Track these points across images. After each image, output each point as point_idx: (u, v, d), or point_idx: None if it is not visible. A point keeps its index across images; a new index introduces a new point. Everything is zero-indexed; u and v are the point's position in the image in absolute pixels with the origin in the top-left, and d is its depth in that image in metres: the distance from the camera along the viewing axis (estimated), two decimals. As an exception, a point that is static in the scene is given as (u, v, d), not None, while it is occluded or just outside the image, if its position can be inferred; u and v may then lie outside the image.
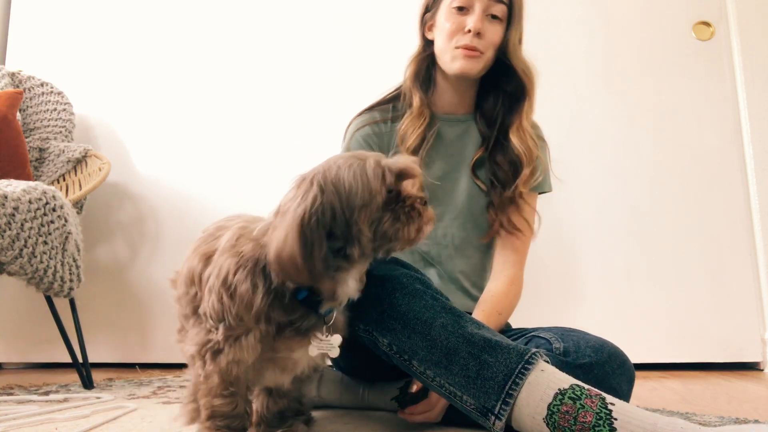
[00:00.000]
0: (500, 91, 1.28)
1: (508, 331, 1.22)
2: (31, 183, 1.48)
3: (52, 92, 2.11)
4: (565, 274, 2.09)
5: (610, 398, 0.78)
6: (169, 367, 2.03)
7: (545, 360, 0.85)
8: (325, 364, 0.90)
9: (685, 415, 1.18)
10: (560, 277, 2.09)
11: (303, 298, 0.79)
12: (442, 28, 1.25)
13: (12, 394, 1.42)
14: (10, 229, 1.35)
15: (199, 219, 2.13)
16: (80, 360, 1.58)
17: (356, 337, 0.97)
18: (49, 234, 1.45)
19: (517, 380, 0.81)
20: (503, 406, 0.80)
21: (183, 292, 0.85)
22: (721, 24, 2.18)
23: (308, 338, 0.81)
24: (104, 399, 1.35)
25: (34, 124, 2.06)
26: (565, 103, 2.16)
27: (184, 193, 2.20)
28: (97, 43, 2.31)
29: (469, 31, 1.20)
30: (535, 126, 1.32)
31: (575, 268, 2.10)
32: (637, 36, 2.19)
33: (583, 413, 0.76)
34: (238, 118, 2.23)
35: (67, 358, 1.59)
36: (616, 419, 0.75)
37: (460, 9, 1.23)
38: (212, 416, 0.83)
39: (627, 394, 0.98)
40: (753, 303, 2.03)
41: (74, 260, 1.53)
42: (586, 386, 0.80)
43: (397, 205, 0.76)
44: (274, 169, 2.15)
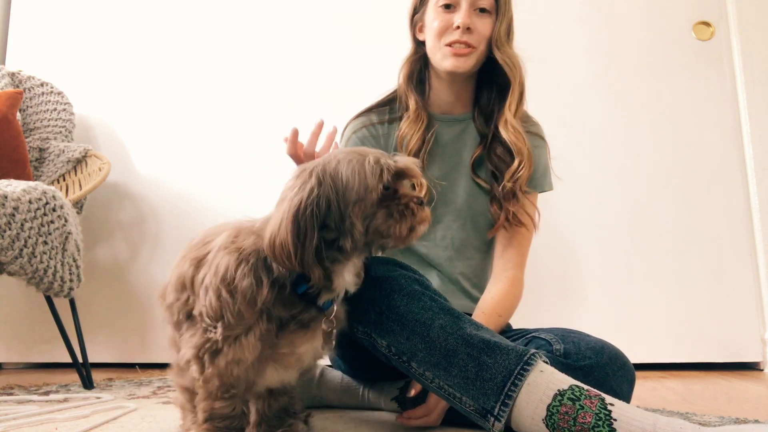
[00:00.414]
0: (493, 85, 1.28)
1: (509, 331, 1.22)
2: (31, 183, 1.48)
3: (52, 92, 2.11)
4: (564, 274, 2.09)
5: (609, 398, 0.78)
6: (169, 367, 2.03)
7: (544, 361, 0.85)
8: (329, 351, 0.89)
9: (685, 415, 1.18)
10: (560, 276, 2.09)
11: (302, 292, 0.79)
12: (431, 28, 1.24)
13: (12, 394, 1.42)
14: (10, 229, 1.35)
15: (199, 219, 2.14)
16: (80, 360, 1.58)
17: (355, 338, 0.97)
18: (49, 234, 1.45)
19: (516, 381, 0.80)
20: (502, 408, 0.80)
21: (174, 299, 0.83)
22: (721, 24, 2.18)
23: (311, 331, 0.81)
24: (104, 399, 1.35)
25: (34, 124, 2.06)
26: (565, 103, 2.16)
27: (184, 193, 2.20)
28: (97, 43, 2.32)
29: (458, 27, 1.19)
30: (535, 124, 1.31)
31: (575, 267, 2.09)
32: (637, 36, 2.19)
33: (582, 414, 0.76)
34: (238, 118, 2.24)
35: (67, 358, 1.60)
36: (615, 420, 0.75)
37: (447, 7, 1.22)
38: (210, 418, 0.82)
39: (627, 396, 0.98)
40: (753, 303, 2.03)
41: (74, 260, 1.53)
42: (586, 387, 0.80)
43: (393, 202, 0.78)
44: (274, 169, 2.12)
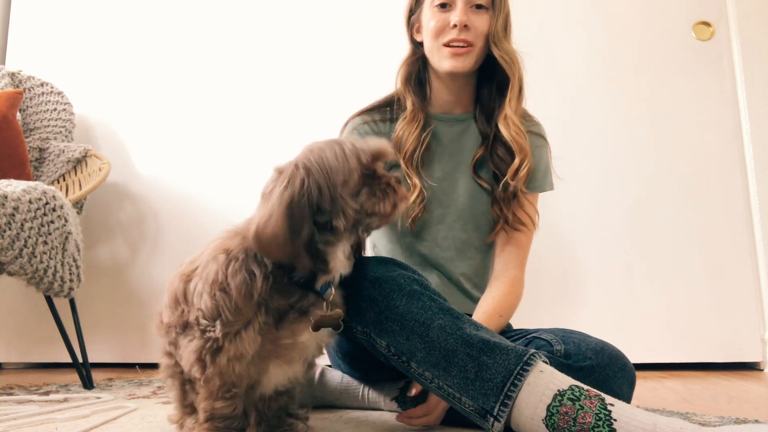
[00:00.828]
0: (493, 82, 1.26)
1: (509, 332, 1.22)
2: (31, 183, 1.48)
3: (52, 92, 2.11)
4: (564, 274, 2.09)
5: (609, 399, 0.78)
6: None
7: (544, 361, 0.85)
8: (331, 338, 0.89)
9: (685, 415, 1.18)
10: (560, 276, 2.08)
11: (298, 278, 0.80)
12: (428, 28, 1.23)
13: (12, 394, 1.42)
14: (10, 229, 1.35)
15: (199, 219, 2.14)
16: (80, 360, 1.58)
17: (355, 338, 0.97)
18: (49, 234, 1.45)
19: (516, 381, 0.80)
20: (502, 408, 0.80)
21: (169, 316, 0.84)
22: (721, 24, 2.18)
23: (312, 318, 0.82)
24: (104, 399, 1.35)
25: (34, 124, 2.06)
26: (565, 103, 2.16)
27: (184, 193, 2.20)
28: (97, 43, 2.32)
29: (455, 26, 1.18)
30: (537, 124, 1.30)
31: (575, 267, 2.09)
32: (637, 36, 2.19)
33: (582, 414, 0.76)
34: (238, 118, 2.23)
35: (67, 358, 1.60)
36: (615, 420, 0.75)
37: (443, 6, 1.21)
38: (211, 418, 0.83)
39: (628, 397, 0.98)
40: (753, 303, 2.03)
41: (74, 260, 1.53)
42: (585, 387, 0.80)
43: (374, 182, 0.82)
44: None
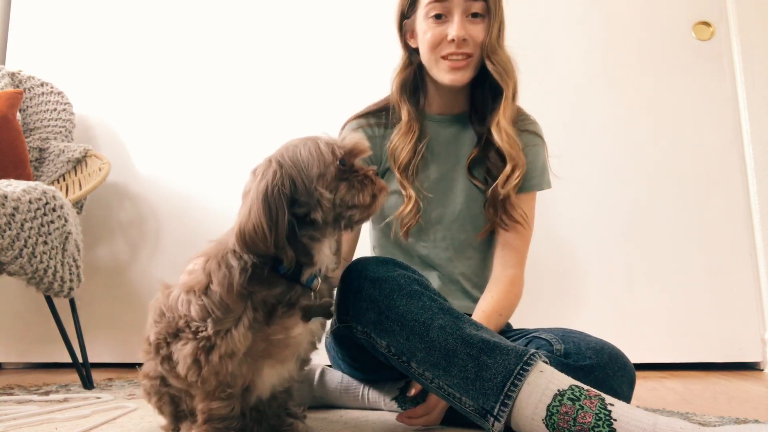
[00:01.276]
0: (486, 85, 1.24)
1: (509, 331, 1.22)
2: (31, 183, 1.48)
3: (52, 92, 2.11)
4: (564, 274, 2.09)
5: (609, 399, 0.78)
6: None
7: (544, 361, 0.85)
8: (320, 336, 0.90)
9: (685, 415, 1.18)
10: (559, 276, 2.08)
11: (284, 271, 0.81)
12: (423, 40, 1.20)
13: (12, 394, 1.42)
14: (10, 229, 1.35)
15: (199, 219, 2.14)
16: (80, 360, 1.58)
17: (355, 338, 0.97)
18: (49, 234, 1.45)
19: (516, 381, 0.80)
20: (502, 408, 0.80)
21: (156, 331, 0.87)
22: (721, 24, 2.18)
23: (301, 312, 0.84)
24: (104, 399, 1.35)
25: (34, 124, 2.06)
26: (565, 103, 2.16)
27: (184, 193, 2.20)
28: (97, 43, 2.32)
29: (453, 40, 1.16)
30: (533, 123, 1.30)
31: (575, 268, 2.09)
32: (637, 36, 2.19)
33: (582, 414, 0.76)
34: (238, 118, 2.23)
35: (67, 358, 1.60)
36: (615, 420, 0.75)
37: (438, 17, 1.18)
38: (209, 419, 0.83)
39: (628, 397, 0.98)
40: (753, 303, 2.03)
41: (74, 260, 1.53)
42: (585, 387, 0.80)
43: (351, 175, 0.83)
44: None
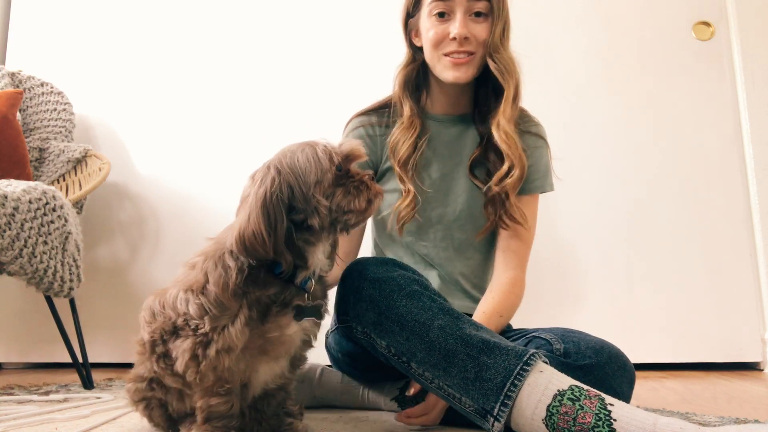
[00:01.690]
0: (489, 84, 1.24)
1: (509, 331, 1.22)
2: (31, 183, 1.48)
3: (52, 92, 2.11)
4: (564, 274, 2.09)
5: (609, 399, 0.78)
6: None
7: (544, 361, 0.85)
8: (314, 333, 0.91)
9: (685, 415, 1.18)
10: (560, 276, 2.08)
11: (279, 272, 0.82)
12: (426, 37, 1.21)
13: (12, 394, 1.42)
14: (10, 229, 1.35)
15: (199, 219, 2.14)
16: (80, 360, 1.58)
17: (355, 338, 0.97)
18: (49, 234, 1.45)
19: (516, 382, 0.80)
20: (502, 408, 0.80)
21: (150, 331, 0.88)
22: (721, 24, 2.18)
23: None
24: (104, 399, 1.35)
25: (34, 124, 2.06)
26: (565, 103, 2.16)
27: (184, 193, 2.20)
28: (97, 43, 2.31)
29: (455, 38, 1.16)
30: (537, 125, 1.30)
31: (575, 268, 2.09)
32: (637, 36, 2.19)
33: (582, 414, 0.76)
34: (238, 118, 2.23)
35: (67, 358, 1.60)
36: (615, 420, 0.75)
37: (441, 15, 1.18)
38: (209, 418, 0.83)
39: (627, 396, 0.98)
40: (753, 303, 2.03)
41: (74, 260, 1.53)
42: (585, 387, 0.80)
43: (347, 180, 0.85)
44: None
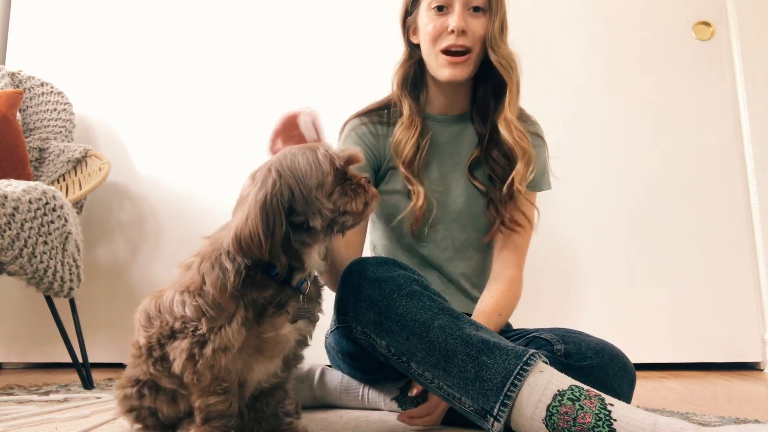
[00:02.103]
0: (488, 83, 1.24)
1: (509, 331, 1.22)
2: (31, 183, 1.48)
3: (52, 92, 2.11)
4: (564, 274, 2.09)
5: (609, 399, 0.78)
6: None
7: (544, 361, 0.85)
8: (309, 333, 0.91)
9: (685, 415, 1.18)
10: (560, 276, 2.08)
11: (275, 274, 0.82)
12: (425, 32, 1.21)
13: (12, 394, 1.42)
14: (10, 229, 1.35)
15: (199, 219, 2.14)
16: (80, 360, 1.58)
17: (355, 338, 0.97)
18: (49, 234, 1.45)
19: (516, 382, 0.80)
20: (502, 408, 0.80)
21: (146, 335, 0.85)
22: (721, 24, 2.18)
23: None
24: (104, 399, 1.35)
25: (34, 124, 2.06)
26: (565, 103, 2.16)
27: (184, 193, 2.20)
28: (97, 43, 2.31)
29: (452, 31, 1.16)
30: (534, 124, 1.30)
31: (575, 267, 2.09)
32: (637, 36, 2.19)
33: (582, 414, 0.76)
34: (238, 118, 2.23)
35: (67, 358, 1.60)
36: (615, 420, 0.75)
37: (440, 9, 1.18)
38: (208, 418, 0.83)
39: (628, 397, 0.98)
40: (753, 303, 2.03)
41: (74, 260, 1.53)
42: (585, 387, 0.80)
43: (345, 183, 0.86)
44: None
